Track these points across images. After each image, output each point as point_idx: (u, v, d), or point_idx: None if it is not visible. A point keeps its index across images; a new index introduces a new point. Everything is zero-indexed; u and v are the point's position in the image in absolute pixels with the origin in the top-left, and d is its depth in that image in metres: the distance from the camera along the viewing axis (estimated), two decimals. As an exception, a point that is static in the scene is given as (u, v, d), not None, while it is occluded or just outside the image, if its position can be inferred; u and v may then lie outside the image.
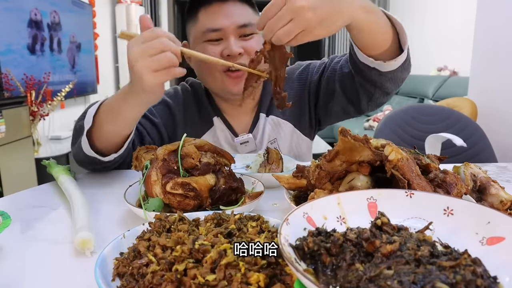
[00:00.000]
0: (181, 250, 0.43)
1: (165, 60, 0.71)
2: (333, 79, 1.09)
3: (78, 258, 0.56)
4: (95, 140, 0.89)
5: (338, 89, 1.08)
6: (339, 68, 1.08)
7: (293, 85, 1.18)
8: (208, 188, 0.69)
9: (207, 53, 0.98)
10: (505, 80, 2.05)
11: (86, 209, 0.68)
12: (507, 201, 0.64)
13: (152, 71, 0.71)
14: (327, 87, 1.12)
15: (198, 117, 1.15)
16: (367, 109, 1.08)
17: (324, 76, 1.13)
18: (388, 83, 0.96)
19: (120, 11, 5.20)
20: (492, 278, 0.33)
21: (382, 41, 0.86)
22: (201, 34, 1.03)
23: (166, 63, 0.71)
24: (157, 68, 0.71)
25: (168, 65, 0.72)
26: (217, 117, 1.15)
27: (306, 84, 1.17)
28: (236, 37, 1.02)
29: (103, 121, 0.86)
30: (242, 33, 1.02)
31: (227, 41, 1.01)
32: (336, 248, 0.38)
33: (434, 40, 4.79)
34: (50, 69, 3.61)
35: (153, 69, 0.71)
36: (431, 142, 1.15)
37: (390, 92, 1.01)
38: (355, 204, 0.50)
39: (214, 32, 1.01)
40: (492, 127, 1.99)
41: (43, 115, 3.23)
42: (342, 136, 0.59)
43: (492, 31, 2.14)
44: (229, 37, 1.01)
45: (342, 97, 1.08)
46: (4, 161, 2.40)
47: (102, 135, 0.88)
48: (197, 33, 1.05)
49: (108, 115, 0.86)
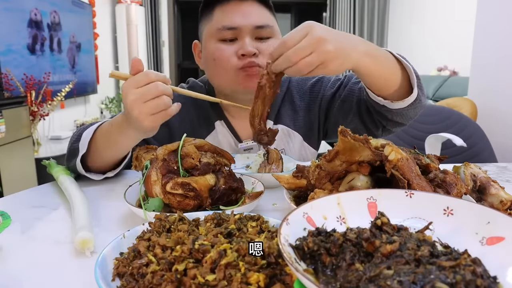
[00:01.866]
0: (181, 250, 0.43)
1: (161, 104, 0.73)
2: (351, 99, 1.06)
3: (78, 258, 0.56)
4: (90, 162, 0.91)
5: (355, 111, 1.05)
6: (358, 90, 1.05)
7: (304, 96, 1.15)
8: (208, 188, 0.69)
9: (221, 51, 0.99)
10: (505, 80, 2.05)
11: (86, 209, 0.68)
12: (507, 201, 0.64)
13: (149, 116, 0.73)
14: (342, 105, 1.09)
15: (197, 121, 1.11)
16: (380, 135, 1.07)
17: (339, 94, 1.10)
18: (399, 117, 0.96)
19: (120, 11, 5.21)
20: (492, 278, 0.33)
21: (389, 84, 0.86)
22: (216, 31, 1.00)
23: (163, 107, 0.74)
24: (154, 113, 0.73)
25: (165, 108, 0.74)
26: (220, 121, 1.12)
27: (318, 98, 1.14)
28: (251, 37, 0.99)
29: (99, 147, 0.88)
30: (258, 35, 0.99)
31: (242, 41, 0.98)
32: (336, 248, 0.38)
33: (434, 40, 4.78)
34: (50, 69, 3.61)
35: (150, 114, 0.73)
36: (431, 142, 1.16)
37: (403, 124, 1.01)
38: (355, 204, 0.50)
39: (230, 31, 0.98)
40: (492, 127, 1.99)
41: (43, 115, 3.23)
42: (342, 136, 0.59)
43: (492, 31, 2.14)
44: (245, 36, 0.98)
45: (357, 120, 1.06)
46: (4, 161, 2.40)
47: (98, 158, 0.90)
48: (211, 31, 1.01)
49: (104, 142, 0.87)
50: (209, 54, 1.02)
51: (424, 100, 0.95)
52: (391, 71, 0.84)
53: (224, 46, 0.99)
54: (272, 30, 1.01)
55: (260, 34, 0.99)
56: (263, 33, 0.99)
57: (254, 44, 0.98)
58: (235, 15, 0.98)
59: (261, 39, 1.00)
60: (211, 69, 1.05)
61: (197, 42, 1.10)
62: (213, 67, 1.03)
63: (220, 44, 1.00)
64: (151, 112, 0.73)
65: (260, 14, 1.00)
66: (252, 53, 0.97)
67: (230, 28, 0.98)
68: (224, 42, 1.00)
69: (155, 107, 0.73)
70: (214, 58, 1.00)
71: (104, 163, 0.92)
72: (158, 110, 0.73)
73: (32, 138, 2.89)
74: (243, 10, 0.99)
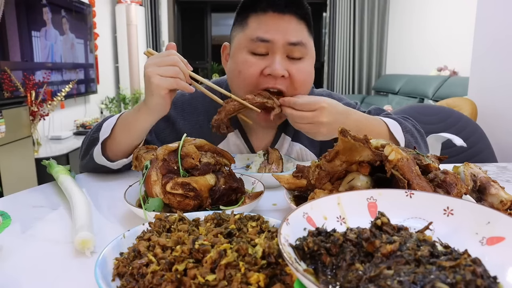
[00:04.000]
0: (181, 250, 0.43)
1: (171, 70, 0.83)
2: None
3: (78, 258, 0.56)
4: (108, 150, 0.94)
5: None
6: None
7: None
8: (208, 188, 0.69)
9: (248, 66, 0.95)
10: (505, 80, 2.05)
11: (86, 209, 0.68)
12: (507, 201, 0.64)
13: (159, 75, 0.82)
14: None
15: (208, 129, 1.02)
16: None
17: None
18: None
19: (120, 11, 5.21)
20: (492, 278, 0.33)
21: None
22: (248, 41, 0.95)
23: (172, 73, 0.83)
24: (163, 74, 0.83)
25: (174, 75, 0.83)
26: (234, 131, 1.06)
27: None
28: (283, 55, 0.94)
29: (118, 132, 0.92)
30: (290, 53, 0.94)
31: (272, 58, 0.93)
32: (336, 248, 0.38)
33: (434, 40, 4.78)
34: (50, 69, 3.61)
35: (160, 73, 0.82)
36: (431, 142, 1.15)
37: None
38: (355, 204, 0.50)
39: (263, 43, 0.93)
40: (492, 127, 1.99)
41: (43, 115, 3.23)
42: (342, 136, 0.59)
43: (492, 31, 2.14)
44: (276, 53, 0.93)
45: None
46: (4, 161, 2.40)
47: (115, 145, 0.93)
48: (243, 39, 0.96)
49: (123, 126, 0.92)
50: (236, 65, 0.98)
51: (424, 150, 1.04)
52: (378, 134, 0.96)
53: (253, 60, 0.95)
54: (306, 49, 0.96)
55: (293, 52, 0.94)
56: (296, 52, 0.94)
57: (284, 64, 0.94)
58: (271, 28, 0.93)
59: (292, 58, 0.95)
60: (235, 79, 1.00)
61: (226, 45, 1.06)
62: (237, 77, 0.99)
63: (250, 57, 0.95)
64: (161, 72, 0.82)
65: (298, 30, 0.95)
66: (281, 75, 0.93)
67: (263, 40, 0.93)
68: (254, 55, 0.95)
69: (165, 70, 0.83)
70: (240, 71, 0.96)
71: (119, 150, 0.93)
72: (168, 74, 0.82)
73: (32, 138, 2.89)
74: (279, 23, 0.93)
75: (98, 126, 0.97)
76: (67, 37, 4.03)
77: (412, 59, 5.36)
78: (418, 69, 5.03)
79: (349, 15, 5.83)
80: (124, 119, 0.93)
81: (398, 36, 5.74)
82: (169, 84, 0.83)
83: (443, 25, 4.62)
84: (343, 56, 5.94)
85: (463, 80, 3.68)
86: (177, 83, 0.83)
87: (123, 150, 0.93)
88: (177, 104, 1.11)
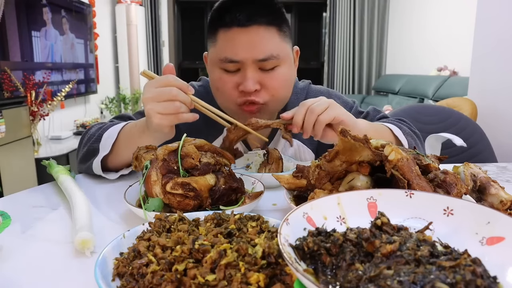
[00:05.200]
0: (181, 250, 0.43)
1: (171, 107, 0.78)
2: None
3: (78, 258, 0.56)
4: (108, 162, 0.94)
5: None
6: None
7: None
8: (208, 188, 0.69)
9: (222, 82, 0.96)
10: (505, 80, 2.05)
11: (86, 209, 0.68)
12: (507, 201, 0.64)
13: (158, 114, 0.78)
14: None
15: (206, 129, 1.05)
16: None
17: None
18: None
19: (120, 11, 5.21)
20: (492, 278, 0.33)
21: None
22: (218, 60, 0.95)
23: (172, 110, 0.78)
24: (163, 112, 0.78)
25: (175, 112, 0.78)
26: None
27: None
28: (254, 70, 0.93)
29: (120, 147, 0.91)
30: (262, 66, 0.93)
31: (244, 73, 0.93)
32: (336, 248, 0.38)
33: (434, 40, 4.78)
34: (50, 69, 3.62)
35: (159, 112, 0.78)
36: (431, 142, 1.15)
37: None
38: (355, 204, 0.50)
39: (232, 63, 0.93)
40: (492, 127, 1.99)
41: (43, 115, 3.23)
42: (342, 136, 0.59)
43: (492, 31, 2.14)
44: (247, 69, 0.92)
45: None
46: (4, 161, 2.40)
47: (117, 159, 0.93)
48: (215, 57, 0.97)
49: (126, 142, 0.90)
50: (213, 81, 0.99)
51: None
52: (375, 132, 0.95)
53: (226, 77, 0.95)
54: (278, 59, 0.94)
55: (264, 66, 0.93)
56: (267, 65, 0.93)
57: (257, 77, 0.93)
58: (237, 46, 0.92)
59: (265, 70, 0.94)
60: (215, 93, 1.03)
61: (206, 55, 1.07)
62: (216, 93, 1.02)
63: (223, 74, 0.96)
64: (161, 111, 0.78)
65: (266, 42, 0.92)
66: (253, 90, 0.93)
67: (232, 61, 0.93)
68: (227, 72, 0.95)
69: (165, 108, 0.78)
70: (217, 88, 0.98)
71: (121, 162, 0.94)
72: (167, 112, 0.78)
73: (32, 138, 2.89)
74: (245, 39, 0.91)
75: (98, 135, 0.94)
76: (67, 37, 4.03)
77: (412, 59, 5.36)
78: (418, 69, 5.03)
79: (349, 15, 5.83)
80: (127, 136, 0.91)
81: (398, 36, 5.74)
82: (170, 122, 0.80)
83: (443, 25, 4.62)
84: (343, 56, 5.94)
85: (463, 80, 3.68)
86: (178, 119, 0.80)
87: (124, 162, 0.94)
88: None
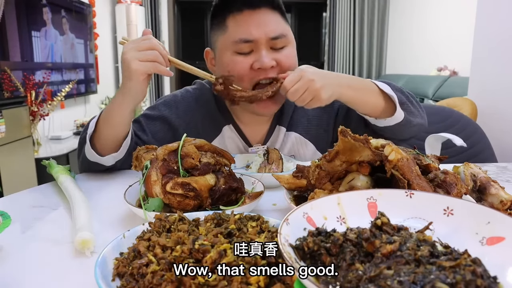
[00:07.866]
0: (181, 250, 0.43)
1: (151, 55, 0.85)
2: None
3: (78, 258, 0.56)
4: (97, 145, 0.95)
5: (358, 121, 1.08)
6: None
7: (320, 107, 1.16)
8: (208, 188, 0.69)
9: (236, 65, 0.97)
10: (505, 80, 2.05)
11: (86, 209, 0.68)
12: (507, 201, 0.64)
13: (138, 60, 0.84)
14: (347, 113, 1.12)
15: (202, 126, 1.10)
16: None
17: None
18: (388, 134, 1.02)
19: (120, 11, 5.20)
20: (492, 278, 0.33)
21: (373, 109, 0.99)
22: (231, 44, 0.97)
23: (152, 58, 0.85)
24: (142, 59, 0.84)
25: (153, 59, 0.85)
26: (228, 126, 1.11)
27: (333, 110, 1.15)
28: (267, 48, 0.97)
29: (101, 126, 0.94)
30: (273, 45, 0.97)
31: (258, 53, 0.96)
32: (336, 248, 0.38)
33: (434, 40, 4.78)
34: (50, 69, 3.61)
35: (139, 58, 0.84)
36: (431, 142, 1.15)
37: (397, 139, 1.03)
38: (355, 204, 0.50)
39: (246, 43, 0.96)
40: (492, 127, 1.99)
41: (43, 115, 3.22)
42: (342, 136, 0.59)
43: (492, 31, 2.14)
44: (261, 48, 0.96)
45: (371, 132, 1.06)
46: (4, 161, 2.40)
47: (102, 139, 0.95)
48: (226, 42, 0.99)
49: (105, 119, 0.94)
50: (224, 66, 1.00)
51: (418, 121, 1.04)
52: (373, 100, 0.98)
53: (240, 58, 0.97)
54: (287, 38, 0.99)
55: (275, 44, 0.97)
56: (278, 44, 0.98)
57: (271, 56, 0.97)
58: (250, 26, 0.96)
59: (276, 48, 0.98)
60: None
61: (208, 50, 1.07)
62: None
63: (236, 57, 0.97)
64: (140, 57, 0.84)
65: (275, 22, 0.98)
66: (270, 66, 0.96)
67: (247, 41, 0.96)
68: (240, 54, 0.97)
69: (144, 54, 0.85)
70: (229, 71, 0.98)
71: (106, 143, 0.95)
72: (147, 59, 0.84)
73: (32, 138, 2.88)
74: (257, 19, 0.96)
75: (86, 127, 0.97)
76: (67, 37, 4.03)
77: (412, 59, 5.35)
78: (418, 69, 5.03)
79: (349, 15, 5.83)
80: (104, 112, 0.94)
81: (398, 36, 5.74)
82: (147, 69, 0.85)
83: (443, 25, 4.62)
84: (343, 56, 5.94)
85: (463, 80, 3.68)
86: (155, 67, 0.85)
87: (109, 143, 0.95)
88: (170, 104, 1.13)
